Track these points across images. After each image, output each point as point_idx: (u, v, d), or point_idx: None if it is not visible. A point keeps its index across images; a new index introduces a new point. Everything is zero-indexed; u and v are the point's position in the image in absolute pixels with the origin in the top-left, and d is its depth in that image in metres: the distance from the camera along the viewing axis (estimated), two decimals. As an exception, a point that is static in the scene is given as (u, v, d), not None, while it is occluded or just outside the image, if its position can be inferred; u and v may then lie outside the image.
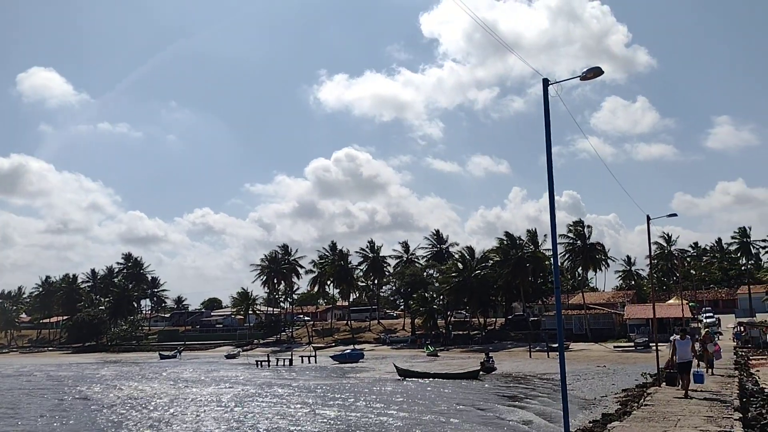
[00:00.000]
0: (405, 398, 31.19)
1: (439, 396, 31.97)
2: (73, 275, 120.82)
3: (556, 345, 59.93)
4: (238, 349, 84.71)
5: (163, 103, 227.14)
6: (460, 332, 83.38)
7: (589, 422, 19.28)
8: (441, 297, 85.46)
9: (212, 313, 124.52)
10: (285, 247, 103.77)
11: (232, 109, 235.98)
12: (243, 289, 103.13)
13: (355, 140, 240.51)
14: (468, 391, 33.91)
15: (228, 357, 76.13)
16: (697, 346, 24.03)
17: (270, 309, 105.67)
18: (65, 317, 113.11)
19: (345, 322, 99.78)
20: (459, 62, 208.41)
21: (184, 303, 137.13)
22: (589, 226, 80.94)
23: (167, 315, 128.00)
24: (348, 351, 66.30)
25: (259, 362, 61.07)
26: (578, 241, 79.44)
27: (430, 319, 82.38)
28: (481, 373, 42.00)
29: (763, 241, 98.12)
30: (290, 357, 63.57)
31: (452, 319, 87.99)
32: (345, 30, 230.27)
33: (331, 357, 64.33)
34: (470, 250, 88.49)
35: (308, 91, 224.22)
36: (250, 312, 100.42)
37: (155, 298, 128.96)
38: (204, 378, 47.90)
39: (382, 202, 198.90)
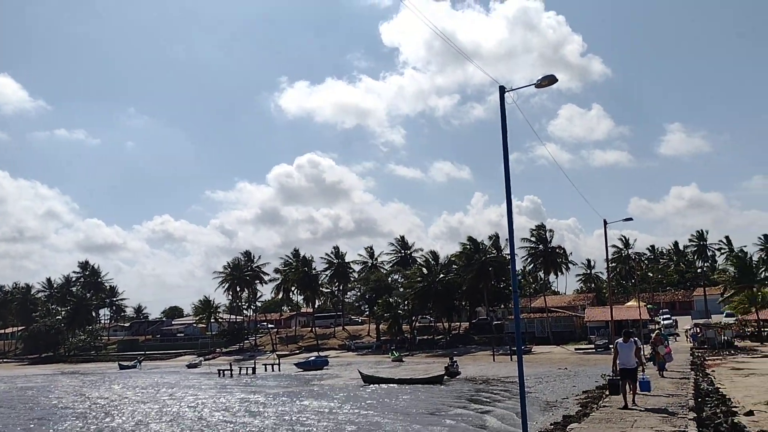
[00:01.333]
0: (369, 404, 31.13)
1: (403, 401, 32.00)
2: (27, 284, 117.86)
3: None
4: (200, 358, 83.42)
5: (122, 110, 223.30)
6: (425, 337, 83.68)
7: (550, 424, 19.51)
8: (406, 302, 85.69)
9: (173, 322, 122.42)
10: (248, 254, 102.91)
11: (192, 115, 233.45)
12: (205, 297, 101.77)
13: (317, 147, 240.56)
14: (432, 395, 34.01)
15: (189, 366, 74.92)
16: (647, 348, 24.18)
17: (233, 317, 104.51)
18: (21, 328, 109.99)
19: (309, 329, 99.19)
20: (419, 70, 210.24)
21: (144, 312, 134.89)
22: (550, 231, 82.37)
23: (127, 324, 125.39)
24: (312, 358, 65.92)
25: (221, 371, 60.24)
26: (540, 245, 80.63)
27: (395, 325, 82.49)
28: (445, 377, 42.16)
29: (719, 243, 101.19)
30: (253, 365, 62.86)
31: (417, 324, 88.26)
32: (306, 38, 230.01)
33: (295, 364, 63.84)
34: (434, 255, 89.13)
35: (269, 98, 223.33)
36: (212, 320, 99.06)
37: (114, 308, 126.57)
38: (159, 388, 47.03)
39: (345, 208, 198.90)
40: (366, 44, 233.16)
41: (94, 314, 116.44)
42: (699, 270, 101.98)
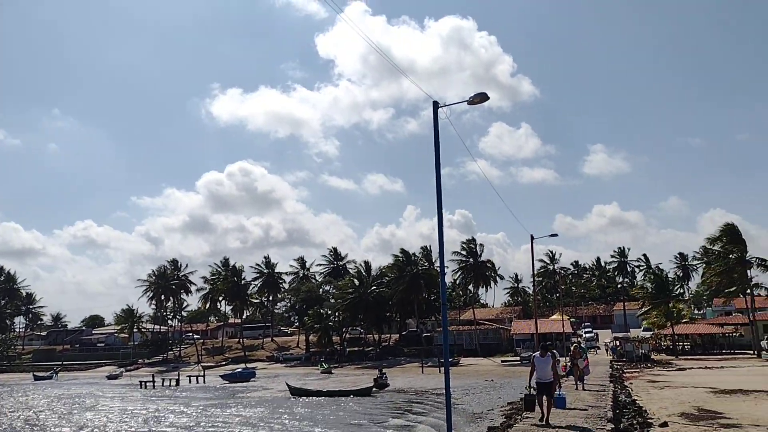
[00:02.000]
0: (295, 417, 30.71)
1: (331, 414, 31.72)
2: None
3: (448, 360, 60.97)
4: (121, 369, 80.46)
5: (45, 111, 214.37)
6: (355, 349, 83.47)
7: (475, 436, 19.72)
8: (337, 313, 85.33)
9: (93, 332, 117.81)
10: (174, 262, 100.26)
11: (119, 119, 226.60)
12: (128, 305, 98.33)
13: (249, 155, 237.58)
14: (360, 407, 33.86)
15: (109, 378, 72.14)
16: (563, 361, 24.29)
17: (157, 327, 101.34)
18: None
19: (237, 340, 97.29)
20: (354, 83, 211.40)
21: (62, 320, 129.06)
22: (480, 245, 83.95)
23: (43, 333, 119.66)
24: (239, 370, 64.63)
25: (143, 383, 58.23)
26: (470, 259, 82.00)
27: (325, 336, 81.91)
28: (374, 389, 42.11)
29: (638, 260, 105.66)
30: (177, 377, 61.03)
31: (347, 335, 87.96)
32: (239, 45, 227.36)
33: (221, 376, 62.38)
34: (367, 266, 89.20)
35: (200, 105, 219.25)
36: (135, 330, 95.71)
37: (30, 315, 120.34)
38: (70, 401, 44.97)
39: (277, 217, 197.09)
40: (301, 55, 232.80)
41: (8, 322, 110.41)
42: (619, 285, 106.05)
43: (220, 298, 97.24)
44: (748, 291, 63.78)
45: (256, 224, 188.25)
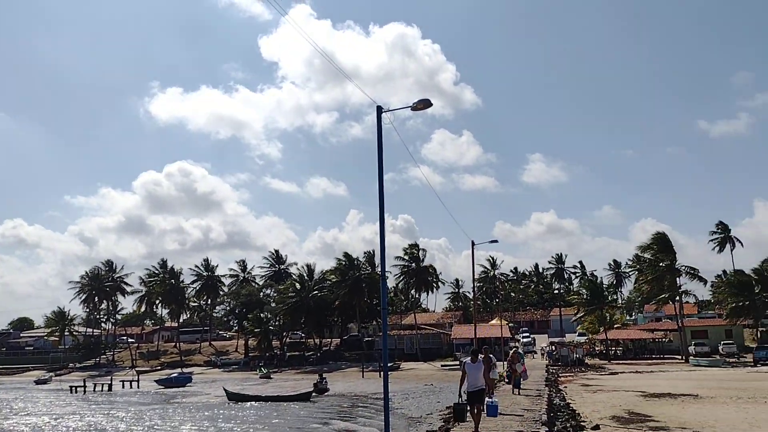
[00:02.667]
0: (230, 422, 30.13)
1: (268, 419, 31.28)
2: None
3: (389, 365, 61.20)
4: (51, 373, 77.40)
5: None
6: (295, 353, 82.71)
7: (413, 440, 19.77)
8: (277, 317, 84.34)
9: (22, 335, 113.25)
10: (109, 264, 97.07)
11: (53, 116, 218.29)
12: (59, 308, 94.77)
13: (189, 156, 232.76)
14: (299, 413, 33.53)
15: (38, 382, 69.30)
16: (498, 366, 23.97)
17: (90, 330, 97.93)
18: None
19: (174, 344, 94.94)
20: (299, 86, 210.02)
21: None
22: (423, 250, 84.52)
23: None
24: (175, 375, 63.17)
25: (73, 388, 56.19)
26: (413, 264, 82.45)
27: (264, 340, 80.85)
28: (313, 394, 41.79)
29: (574, 267, 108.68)
30: (110, 382, 59.10)
31: (288, 340, 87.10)
32: (180, 44, 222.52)
33: (155, 381, 60.77)
34: (309, 269, 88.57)
35: (139, 103, 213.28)
36: (66, 333, 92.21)
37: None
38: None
39: (217, 219, 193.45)
40: (244, 56, 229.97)
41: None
42: (556, 291, 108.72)
43: (157, 301, 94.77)
44: (677, 298, 66.42)
45: (196, 226, 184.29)
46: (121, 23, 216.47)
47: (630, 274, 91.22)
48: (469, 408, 14.66)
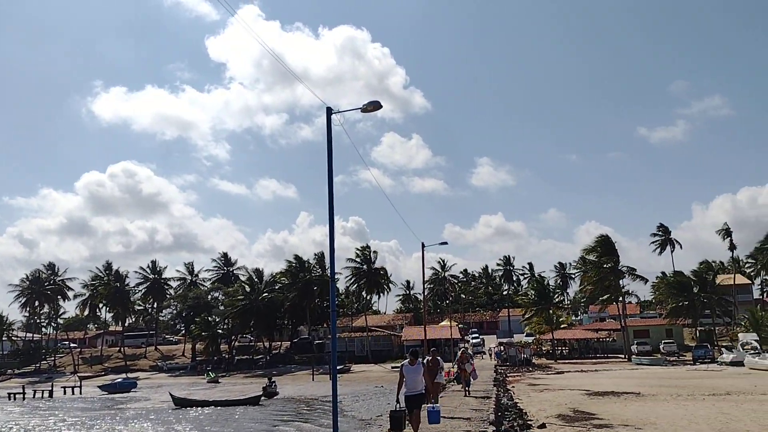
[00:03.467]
0: (177, 428, 29.50)
1: (216, 424, 30.75)
2: None
3: (339, 367, 60.74)
4: (-13, 381, 74.33)
5: None
6: (244, 357, 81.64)
7: (363, 443, 19.71)
8: (226, 321, 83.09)
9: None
10: (51, 266, 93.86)
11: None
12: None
13: (134, 157, 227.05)
14: (247, 417, 33.07)
15: (-28, 391, 66.27)
16: (448, 368, 23.56)
17: (29, 335, 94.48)
18: None
19: (118, 348, 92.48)
20: (247, 87, 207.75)
21: None
22: (375, 252, 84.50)
23: None
24: (119, 380, 61.45)
25: (11, 395, 54.04)
26: (364, 266, 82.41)
27: (212, 344, 79.54)
28: (262, 398, 41.32)
29: (523, 269, 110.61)
30: (51, 388, 57.13)
31: (236, 343, 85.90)
32: (123, 42, 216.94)
33: (99, 387, 59.06)
34: (258, 272, 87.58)
35: (81, 102, 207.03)
36: (4, 338, 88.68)
37: None
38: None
39: (163, 221, 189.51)
40: (191, 56, 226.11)
41: None
42: (505, 293, 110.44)
43: (101, 305, 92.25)
44: (621, 299, 68.35)
45: (141, 228, 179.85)
46: (63, 21, 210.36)
47: (575, 275, 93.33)
48: (407, 414, 13.08)
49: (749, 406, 22.61)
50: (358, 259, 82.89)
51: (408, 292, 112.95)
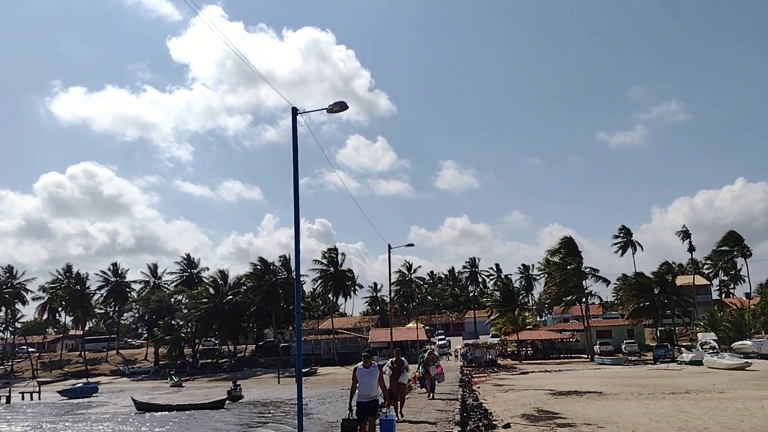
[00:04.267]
0: (141, 434, 28.98)
1: (179, 429, 30.27)
2: None
3: (305, 370, 60.26)
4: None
5: None
6: (209, 360, 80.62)
7: (329, 445, 19.59)
8: (189, 324, 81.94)
9: None
10: (9, 269, 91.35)
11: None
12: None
13: (94, 158, 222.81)
14: (211, 421, 32.63)
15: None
16: (413, 371, 22.66)
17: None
18: None
19: (78, 353, 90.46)
20: (210, 88, 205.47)
21: None
22: (342, 254, 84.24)
23: None
24: (79, 385, 60.19)
25: (-34, 402, 52.43)
26: (331, 268, 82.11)
27: (176, 348, 78.36)
28: (227, 401, 40.85)
29: (488, 270, 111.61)
30: (8, 394, 55.56)
31: (200, 347, 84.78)
32: (83, 42, 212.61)
33: (59, 392, 57.66)
34: (223, 275, 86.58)
35: (39, 103, 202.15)
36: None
37: None
38: None
39: (125, 223, 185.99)
40: (152, 56, 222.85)
41: None
42: (471, 294, 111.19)
43: (60, 308, 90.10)
44: (584, 300, 69.41)
45: (102, 230, 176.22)
46: (21, 18, 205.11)
47: (540, 277, 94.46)
48: (361, 425, 11.57)
49: (708, 405, 23.14)
50: (324, 261, 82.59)
51: (375, 294, 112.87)
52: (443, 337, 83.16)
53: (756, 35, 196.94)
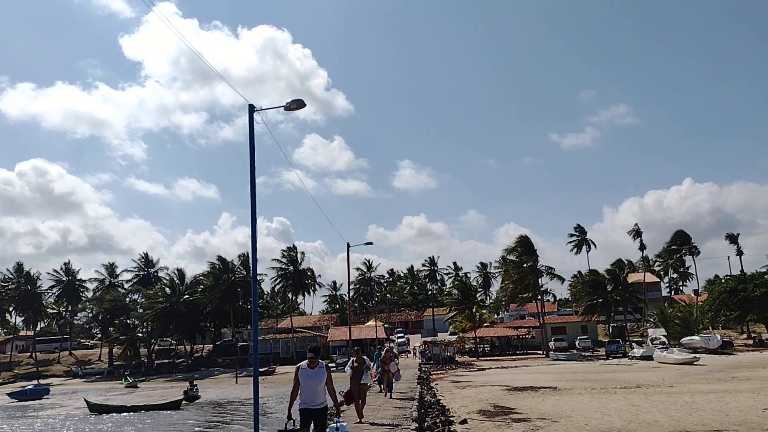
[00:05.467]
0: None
1: (134, 430, 29.79)
2: None
3: (263, 369, 60.10)
4: None
5: None
6: (165, 361, 79.36)
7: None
8: (145, 324, 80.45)
9: None
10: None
11: None
12: None
13: (44, 156, 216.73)
14: (166, 422, 32.19)
15: None
16: (373, 369, 21.87)
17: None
18: None
19: (29, 354, 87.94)
20: (163, 85, 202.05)
21: None
22: (302, 252, 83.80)
23: None
24: (30, 387, 58.51)
25: None
26: (290, 266, 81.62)
27: (131, 348, 76.87)
28: (184, 402, 40.33)
29: (447, 268, 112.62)
30: (-47, 398, 53.78)
31: (156, 347, 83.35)
32: (31, 38, 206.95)
33: (7, 394, 56.02)
34: (180, 273, 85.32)
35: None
36: None
37: None
38: None
39: (77, 222, 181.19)
40: (104, 53, 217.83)
41: None
42: (430, 292, 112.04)
43: (10, 308, 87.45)
44: (539, 297, 70.63)
45: (53, 228, 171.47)
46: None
47: (497, 274, 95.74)
48: (300, 431, 9.52)
49: (657, 398, 23.91)
50: (284, 260, 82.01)
51: (334, 292, 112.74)
52: (402, 335, 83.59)
53: (702, 40, 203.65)
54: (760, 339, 62.25)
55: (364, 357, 16.67)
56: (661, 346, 51.40)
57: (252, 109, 13.32)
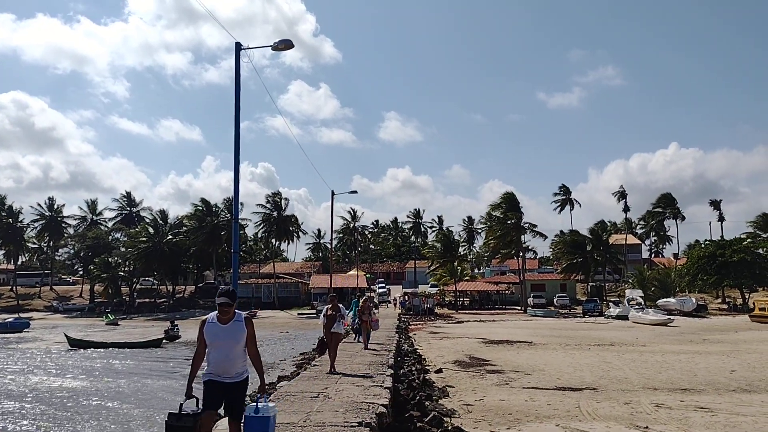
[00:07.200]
0: (68, 369, 28.62)
1: (112, 365, 30.05)
2: None
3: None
4: None
5: None
6: (146, 300, 79.77)
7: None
8: (127, 262, 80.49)
9: None
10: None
11: None
12: None
13: (25, 89, 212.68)
14: (146, 359, 32.49)
15: None
16: (348, 318, 20.77)
17: None
18: None
19: (10, 287, 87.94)
20: (148, 23, 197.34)
21: None
22: (286, 199, 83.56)
23: None
24: (10, 320, 58.64)
25: None
26: (274, 212, 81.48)
27: (112, 286, 77.07)
28: (164, 341, 40.69)
29: (431, 222, 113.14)
30: (-68, 328, 53.82)
31: (138, 286, 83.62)
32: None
33: (-13, 326, 56.15)
34: (163, 214, 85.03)
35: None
36: None
37: None
38: None
39: (59, 158, 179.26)
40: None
41: None
42: (413, 245, 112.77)
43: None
44: (521, 254, 71.29)
45: (34, 163, 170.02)
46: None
47: (482, 230, 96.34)
48: (204, 419, 6.11)
49: (629, 356, 24.42)
50: (268, 206, 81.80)
51: (318, 240, 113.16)
52: (384, 285, 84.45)
53: (692, 7, 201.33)
54: (734, 304, 63.57)
55: (340, 305, 15.78)
56: (637, 307, 52.35)
57: (239, 47, 12.99)
